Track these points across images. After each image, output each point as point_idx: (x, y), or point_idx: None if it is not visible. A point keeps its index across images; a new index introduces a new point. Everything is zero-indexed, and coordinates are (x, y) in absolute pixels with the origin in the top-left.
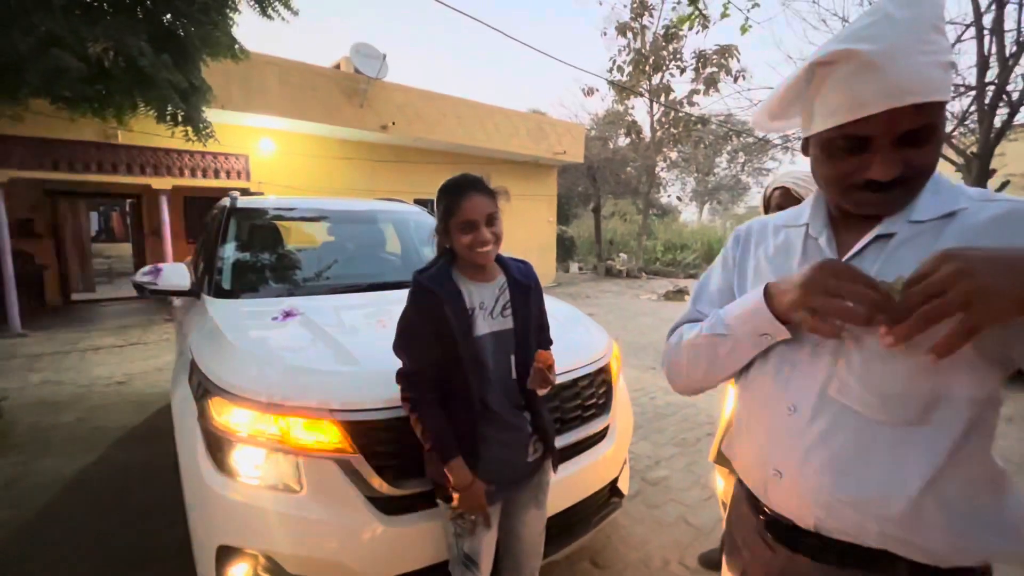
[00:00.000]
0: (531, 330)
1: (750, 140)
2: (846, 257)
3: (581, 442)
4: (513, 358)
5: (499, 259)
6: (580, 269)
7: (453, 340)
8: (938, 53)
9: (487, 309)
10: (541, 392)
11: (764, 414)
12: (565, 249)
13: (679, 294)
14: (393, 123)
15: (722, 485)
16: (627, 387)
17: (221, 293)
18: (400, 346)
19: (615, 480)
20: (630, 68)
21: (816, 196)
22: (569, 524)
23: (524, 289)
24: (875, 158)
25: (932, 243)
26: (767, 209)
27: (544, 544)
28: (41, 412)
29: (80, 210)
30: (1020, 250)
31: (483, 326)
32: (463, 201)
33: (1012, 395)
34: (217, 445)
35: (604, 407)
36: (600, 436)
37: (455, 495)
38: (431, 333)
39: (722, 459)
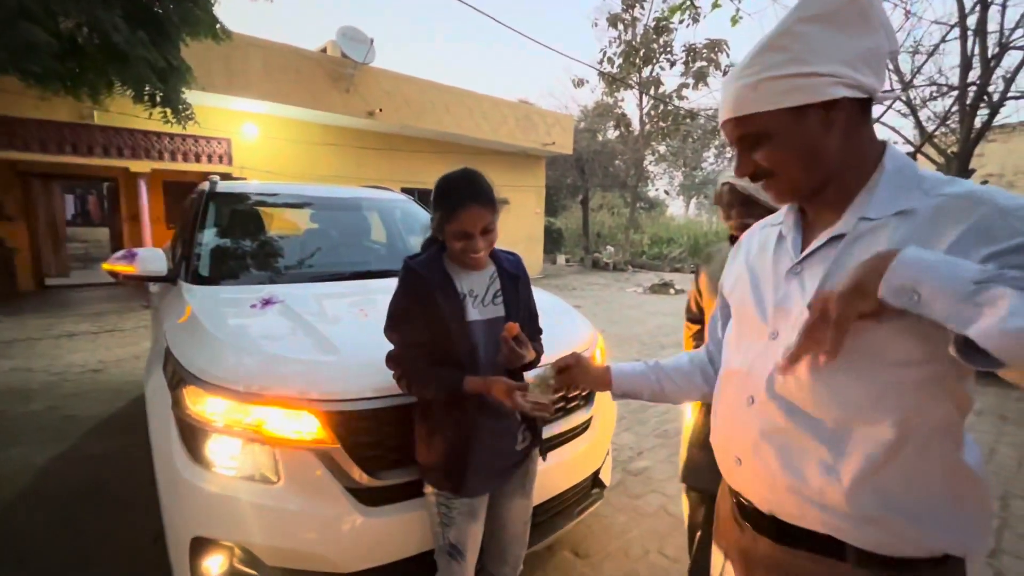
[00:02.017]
0: (523, 318)
1: None
2: (799, 259)
3: (564, 433)
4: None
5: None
6: (567, 261)
7: (445, 325)
8: (762, 71)
9: (478, 297)
10: (515, 366)
11: (730, 403)
12: (553, 241)
13: (664, 287)
14: (380, 110)
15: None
16: None
17: (199, 279)
18: (390, 328)
19: (597, 471)
20: (620, 60)
21: None
22: (552, 514)
23: (514, 279)
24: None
25: (883, 240)
26: (721, 206)
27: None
28: (10, 400)
29: (54, 192)
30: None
31: (474, 313)
32: (461, 212)
33: (981, 390)
34: (192, 435)
35: (588, 399)
36: (583, 427)
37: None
38: (421, 318)
39: (688, 478)
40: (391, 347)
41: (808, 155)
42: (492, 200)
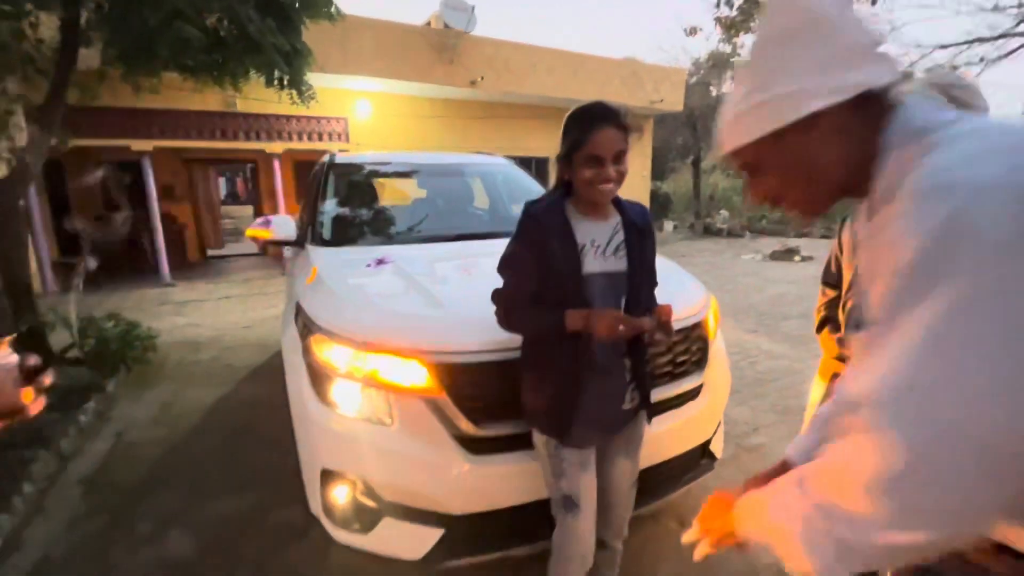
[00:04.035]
0: (644, 275)
1: None
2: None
3: (673, 399)
4: (624, 301)
5: (615, 199)
6: (675, 228)
7: (559, 277)
8: (735, 105)
9: (599, 247)
10: (657, 342)
11: None
12: (659, 206)
13: (788, 254)
14: (482, 78)
15: None
16: (725, 349)
17: (322, 242)
18: (503, 267)
19: (708, 442)
20: (740, 1)
21: None
22: (658, 480)
23: (641, 232)
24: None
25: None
26: None
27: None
28: (185, 350)
29: (210, 176)
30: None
31: (593, 264)
32: (593, 134)
33: None
34: (318, 379)
35: (699, 364)
36: (693, 394)
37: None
38: (533, 265)
39: None
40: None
41: (804, 174)
42: (626, 124)
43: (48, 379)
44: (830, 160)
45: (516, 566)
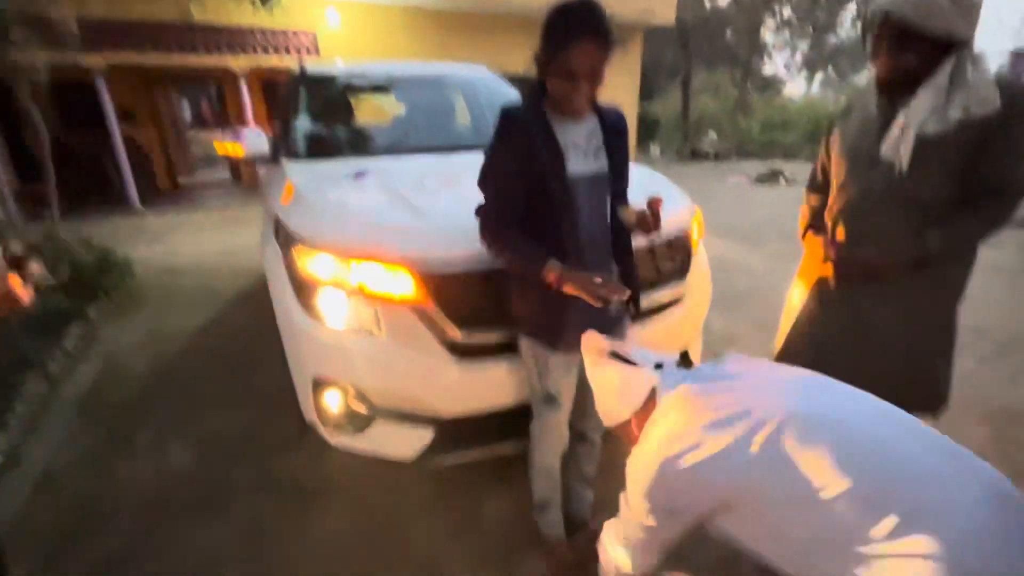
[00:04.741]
0: (626, 174)
1: None
2: None
3: (656, 307)
4: (609, 203)
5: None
6: (662, 152)
7: (543, 181)
8: None
9: (580, 148)
10: (645, 237)
11: None
12: (647, 130)
13: (773, 176)
14: None
15: None
16: (707, 260)
17: (297, 155)
18: (483, 181)
19: (686, 351)
20: None
21: None
22: None
23: (618, 133)
24: None
25: None
26: (871, 38)
27: None
28: (166, 277)
29: (172, 97)
30: None
31: (576, 167)
32: (571, 48)
33: None
34: (304, 291)
35: (681, 273)
36: (674, 302)
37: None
38: (517, 169)
39: (782, 361)
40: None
41: None
42: (610, 37)
43: (35, 267)
44: None
45: (502, 462)
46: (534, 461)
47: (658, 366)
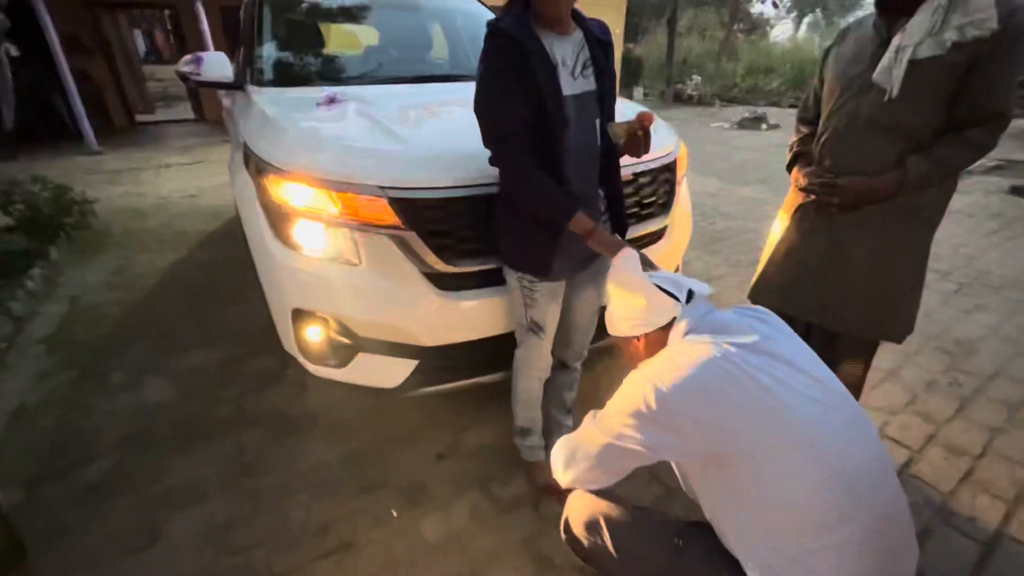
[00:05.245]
0: (613, 91)
1: None
2: None
3: (639, 238)
4: (598, 124)
5: (574, 13)
6: (646, 95)
7: (539, 102)
8: None
9: (568, 66)
10: (635, 158)
11: None
12: (631, 72)
13: (755, 122)
14: None
15: None
16: (689, 196)
17: (264, 82)
18: (487, 106)
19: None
20: None
21: None
22: None
23: (604, 46)
24: None
25: None
26: None
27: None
28: (129, 218)
29: (121, 24)
30: None
31: (567, 86)
32: None
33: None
34: (278, 221)
35: (664, 207)
36: (658, 236)
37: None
38: (519, 86)
39: (756, 296)
40: (462, 140)
41: None
42: None
43: None
44: None
45: (484, 391)
46: (517, 388)
47: (689, 294)
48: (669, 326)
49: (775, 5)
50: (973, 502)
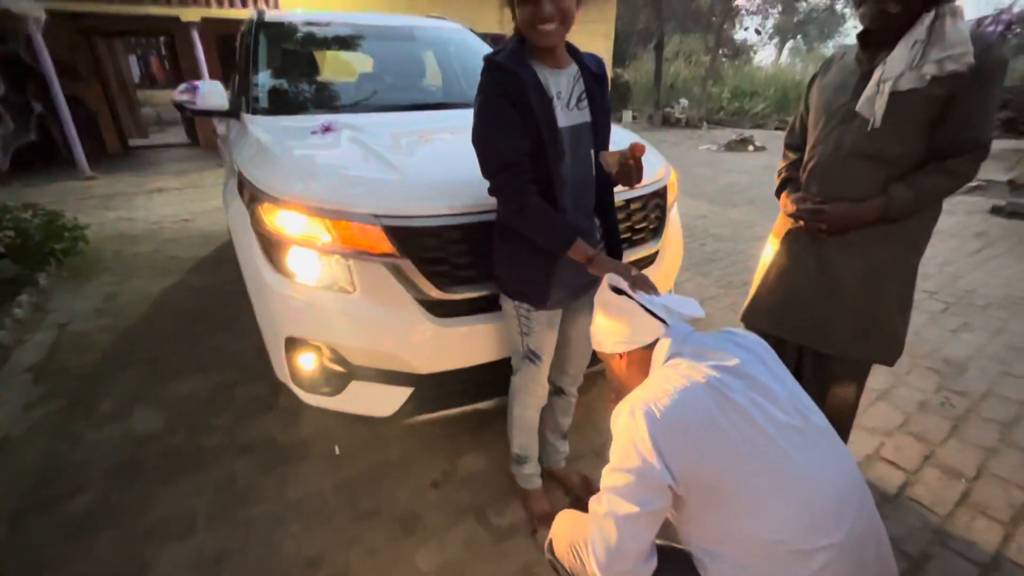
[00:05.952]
0: (608, 124)
1: None
2: None
3: (631, 263)
4: (593, 155)
5: (568, 47)
6: (634, 118)
7: (536, 131)
8: None
9: (563, 99)
10: (627, 187)
11: None
12: (620, 95)
13: (742, 144)
14: None
15: None
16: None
17: (259, 110)
18: (486, 136)
19: None
20: None
21: None
22: None
23: (599, 80)
24: None
25: None
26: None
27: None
28: (122, 243)
29: (116, 50)
30: None
31: (562, 117)
32: None
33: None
34: (272, 248)
35: (656, 232)
36: (650, 260)
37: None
38: (517, 118)
39: (749, 318)
40: (456, 167)
41: None
42: None
43: None
44: None
45: (479, 418)
46: (513, 414)
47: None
48: (652, 345)
49: (757, 32)
50: (971, 524)
